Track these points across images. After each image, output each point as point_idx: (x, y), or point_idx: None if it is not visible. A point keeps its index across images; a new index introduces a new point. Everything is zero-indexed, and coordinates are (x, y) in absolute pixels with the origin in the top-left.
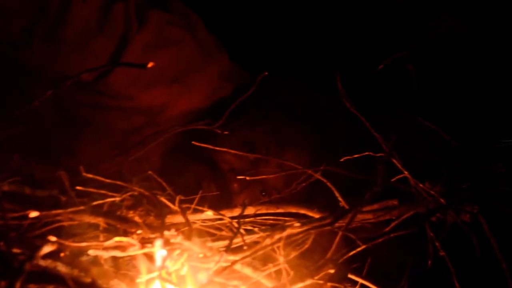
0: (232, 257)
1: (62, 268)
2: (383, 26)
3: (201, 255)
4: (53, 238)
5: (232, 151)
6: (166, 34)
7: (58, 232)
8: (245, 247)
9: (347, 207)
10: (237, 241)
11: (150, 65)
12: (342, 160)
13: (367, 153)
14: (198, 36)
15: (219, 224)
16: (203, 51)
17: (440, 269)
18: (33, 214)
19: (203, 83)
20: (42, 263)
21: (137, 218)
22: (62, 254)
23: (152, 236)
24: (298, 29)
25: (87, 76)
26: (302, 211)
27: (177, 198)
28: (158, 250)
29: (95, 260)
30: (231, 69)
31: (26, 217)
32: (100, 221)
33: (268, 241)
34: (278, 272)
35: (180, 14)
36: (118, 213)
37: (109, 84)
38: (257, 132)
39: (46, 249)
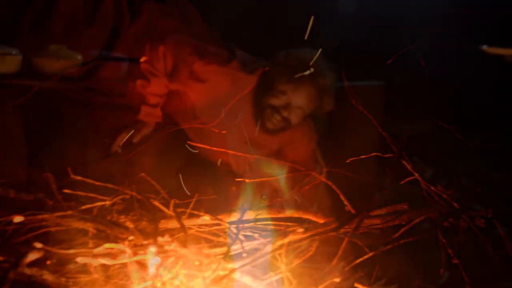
0: (231, 265)
1: (48, 276)
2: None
3: (197, 263)
4: (39, 245)
5: (231, 152)
6: (160, 27)
7: (44, 238)
8: (244, 254)
9: (353, 211)
10: (236, 248)
11: (142, 59)
12: (348, 161)
13: (374, 153)
14: (195, 29)
15: (216, 229)
16: (199, 45)
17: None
18: (18, 219)
19: (199, 78)
20: (28, 271)
21: (128, 223)
22: (48, 262)
23: (144, 242)
24: (299, 25)
25: (75, 71)
26: (306, 216)
27: (172, 202)
28: (151, 257)
29: (84, 268)
30: (229, 64)
31: (10, 222)
32: (89, 226)
33: (269, 248)
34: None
35: (177, 6)
36: (109, 218)
37: (99, 80)
38: (258, 131)
39: (32, 256)
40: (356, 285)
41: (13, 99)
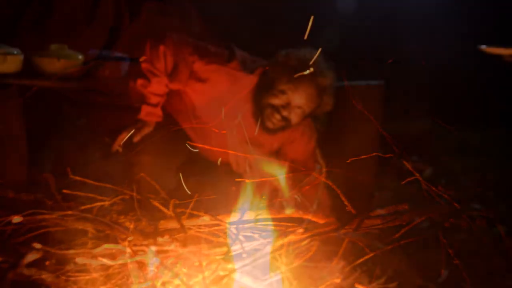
0: (230, 266)
1: (47, 277)
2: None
3: (197, 263)
4: (38, 245)
5: (231, 152)
6: (160, 26)
7: (43, 239)
8: (244, 255)
9: (354, 211)
10: (236, 248)
11: (142, 59)
12: (348, 161)
13: (374, 153)
14: (195, 29)
15: (216, 230)
16: (199, 45)
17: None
18: (17, 219)
19: (200, 78)
20: (26, 272)
21: (128, 224)
22: (47, 263)
23: (144, 243)
24: (299, 25)
25: (75, 71)
26: (306, 216)
27: (172, 202)
28: (151, 258)
29: (84, 268)
30: (229, 64)
31: (9, 222)
32: (89, 226)
33: (269, 248)
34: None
35: (176, 5)
36: (108, 218)
37: (99, 80)
38: (258, 131)
39: (31, 257)
40: (356, 284)
41: (14, 98)
